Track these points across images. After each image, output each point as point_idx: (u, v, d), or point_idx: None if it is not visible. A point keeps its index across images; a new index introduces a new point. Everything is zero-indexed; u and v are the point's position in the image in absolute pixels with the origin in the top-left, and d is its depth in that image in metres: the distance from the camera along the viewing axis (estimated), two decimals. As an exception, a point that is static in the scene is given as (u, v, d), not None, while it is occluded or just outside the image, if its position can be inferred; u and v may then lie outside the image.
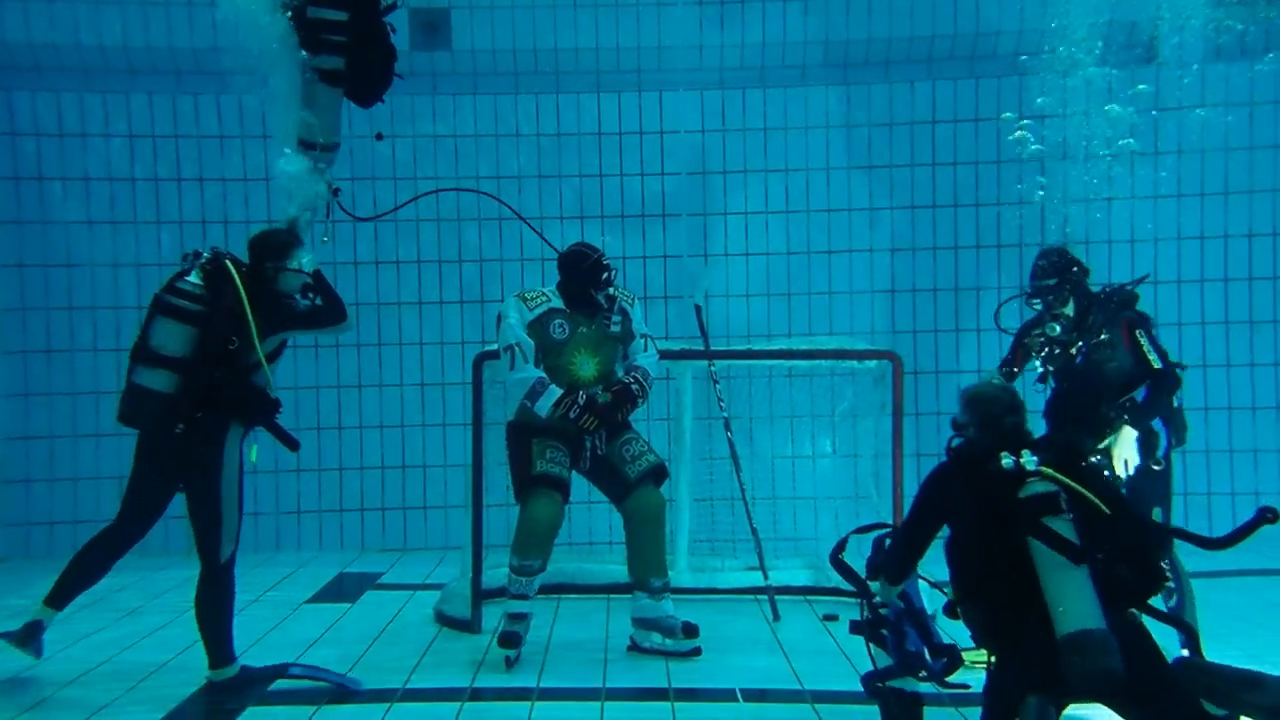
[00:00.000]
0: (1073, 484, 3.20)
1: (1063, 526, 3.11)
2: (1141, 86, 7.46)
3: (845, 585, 3.97)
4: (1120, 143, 7.63)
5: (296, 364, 7.43)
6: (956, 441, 3.53)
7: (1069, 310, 4.78)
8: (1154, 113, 7.79)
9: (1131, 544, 3.21)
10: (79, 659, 4.89)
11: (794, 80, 8.06)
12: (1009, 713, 3.16)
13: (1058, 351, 4.78)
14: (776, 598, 5.71)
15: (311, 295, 4.65)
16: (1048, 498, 3.16)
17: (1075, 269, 4.84)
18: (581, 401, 4.80)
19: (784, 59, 8.05)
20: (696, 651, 4.93)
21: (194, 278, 4.35)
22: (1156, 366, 4.58)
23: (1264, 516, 3.10)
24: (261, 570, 7.04)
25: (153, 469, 4.41)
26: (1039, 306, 4.86)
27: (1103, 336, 4.68)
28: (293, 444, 4.47)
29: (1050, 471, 3.22)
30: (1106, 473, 4.40)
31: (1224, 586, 6.06)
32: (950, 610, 3.46)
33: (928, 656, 3.61)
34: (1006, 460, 3.27)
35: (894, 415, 5.71)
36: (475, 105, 8.03)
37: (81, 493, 7.75)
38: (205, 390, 4.26)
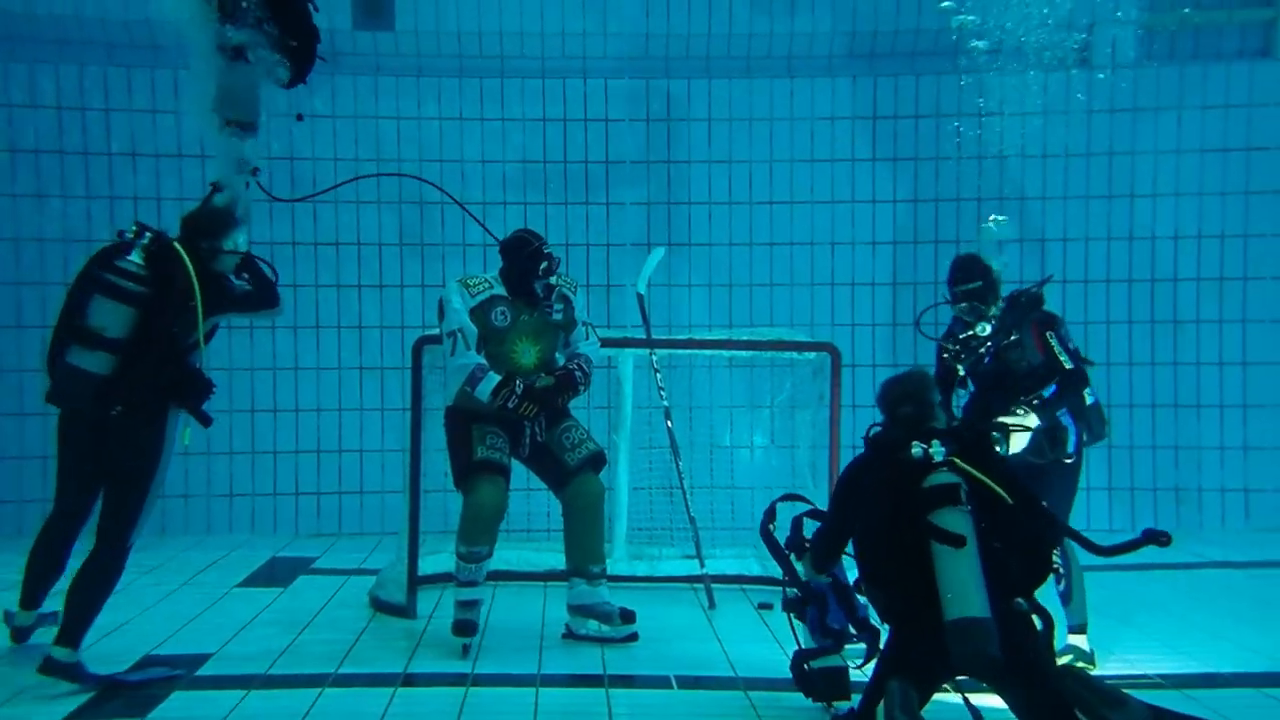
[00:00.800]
0: (977, 474, 3.33)
1: (958, 517, 3.22)
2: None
3: (780, 574, 4.05)
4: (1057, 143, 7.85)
5: (231, 345, 7.30)
6: (874, 431, 3.63)
7: (995, 311, 4.88)
8: (1088, 113, 7.99)
9: (1029, 535, 3.35)
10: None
11: (739, 72, 8.10)
12: (880, 689, 3.31)
13: (969, 350, 4.88)
14: (713, 586, 5.76)
15: (244, 276, 4.58)
16: (948, 488, 3.28)
17: (989, 273, 4.93)
18: (519, 389, 4.78)
19: (729, 50, 8.09)
20: (633, 637, 4.95)
21: (136, 257, 4.22)
22: (1068, 366, 4.69)
23: (1153, 538, 3.30)
24: (192, 553, 6.92)
25: (83, 450, 4.29)
26: (963, 310, 4.94)
27: (1012, 337, 4.79)
28: (206, 420, 4.39)
29: (959, 462, 3.35)
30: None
31: (1147, 579, 6.26)
32: (857, 586, 3.63)
33: (851, 630, 3.74)
34: (916, 450, 3.40)
35: (832, 407, 5.78)
36: (418, 87, 7.94)
37: (3, 472, 7.54)
38: (147, 373, 4.17)
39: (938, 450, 3.38)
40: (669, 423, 6.03)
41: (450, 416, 4.99)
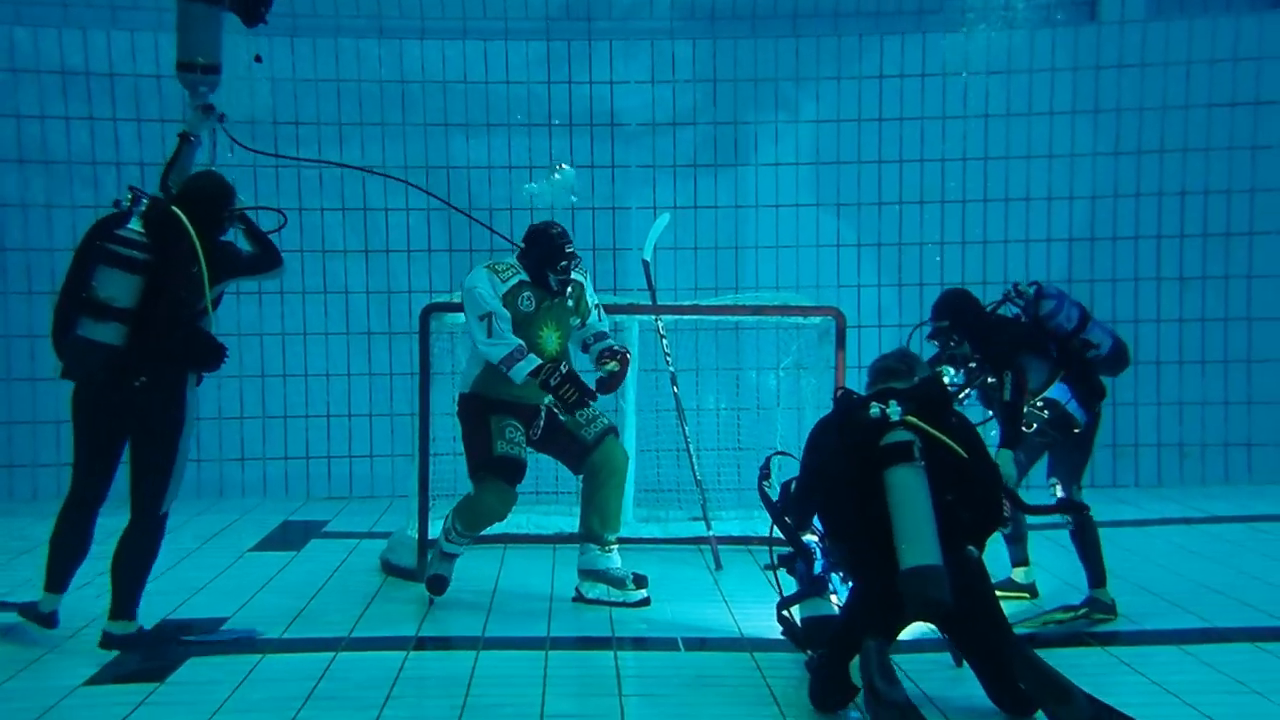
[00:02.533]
0: (932, 431, 3.50)
1: (911, 473, 3.41)
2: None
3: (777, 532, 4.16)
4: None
5: (240, 311, 7.33)
6: (839, 393, 3.82)
7: (965, 349, 4.86)
8: (1095, 69, 7.94)
9: (981, 488, 3.55)
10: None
11: (745, 32, 8.05)
12: (852, 648, 3.46)
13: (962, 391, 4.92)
14: (719, 547, 5.83)
15: (238, 229, 4.58)
16: (902, 446, 3.45)
17: (967, 310, 4.90)
18: (564, 370, 4.77)
19: (734, 10, 8.03)
20: (645, 602, 4.99)
21: (135, 225, 4.18)
22: (1005, 399, 4.67)
23: (1069, 508, 3.95)
24: (205, 517, 7.01)
25: (102, 423, 4.29)
26: (935, 343, 4.97)
27: (990, 380, 4.78)
28: (199, 378, 4.40)
29: (914, 420, 3.52)
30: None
31: (1144, 534, 6.33)
32: (823, 540, 3.87)
33: (835, 579, 3.95)
34: (874, 410, 3.56)
35: (837, 369, 5.80)
36: (423, 50, 7.90)
37: (16, 437, 7.63)
38: (159, 341, 4.18)
39: (894, 410, 3.54)
40: (675, 387, 6.07)
41: (466, 404, 4.96)
